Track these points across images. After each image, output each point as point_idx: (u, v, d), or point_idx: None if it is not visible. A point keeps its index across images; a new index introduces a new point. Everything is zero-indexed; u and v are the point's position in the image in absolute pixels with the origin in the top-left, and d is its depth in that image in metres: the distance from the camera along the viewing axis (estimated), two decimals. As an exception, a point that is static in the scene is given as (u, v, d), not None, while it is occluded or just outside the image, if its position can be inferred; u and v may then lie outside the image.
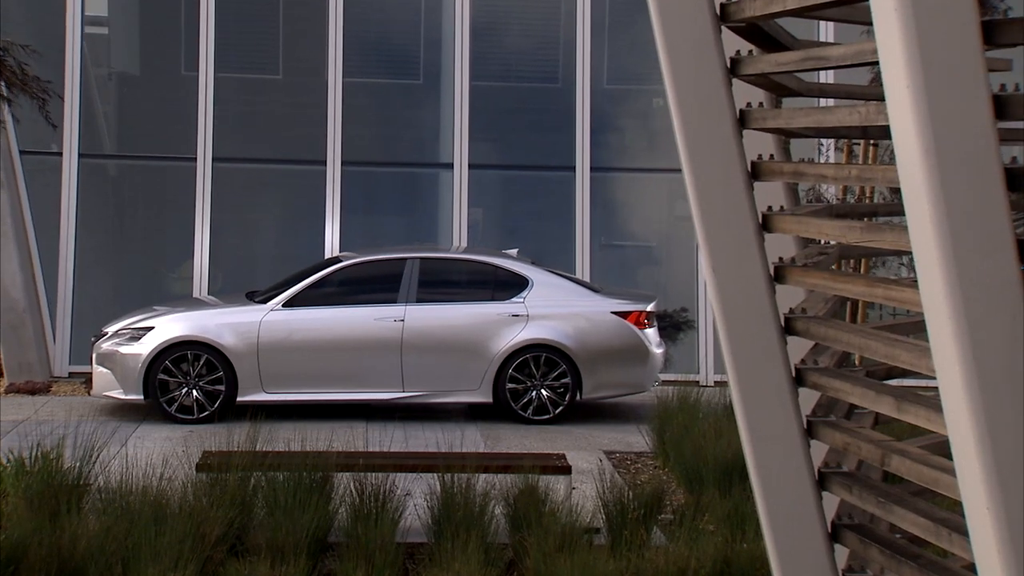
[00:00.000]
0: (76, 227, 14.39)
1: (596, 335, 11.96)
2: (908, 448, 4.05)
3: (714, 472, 8.71)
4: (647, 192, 15.55)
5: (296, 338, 11.73)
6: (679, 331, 14.92)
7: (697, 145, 4.26)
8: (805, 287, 4.41)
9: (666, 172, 14.88)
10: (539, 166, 15.49)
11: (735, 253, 4.29)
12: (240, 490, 7.65)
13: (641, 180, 15.45)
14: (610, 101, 15.41)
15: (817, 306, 4.50)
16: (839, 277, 4.24)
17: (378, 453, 9.06)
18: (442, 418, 12.02)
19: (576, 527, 7.48)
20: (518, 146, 15.60)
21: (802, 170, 4.45)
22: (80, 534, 6.94)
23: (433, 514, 7.81)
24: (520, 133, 15.59)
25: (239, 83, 15.35)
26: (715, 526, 7.94)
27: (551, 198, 15.57)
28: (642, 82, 15.54)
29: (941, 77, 3.12)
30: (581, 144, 14.95)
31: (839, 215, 4.89)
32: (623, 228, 15.55)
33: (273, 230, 15.35)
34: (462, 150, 14.89)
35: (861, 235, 3.98)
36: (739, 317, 4.32)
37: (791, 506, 4.31)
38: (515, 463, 8.31)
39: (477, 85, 15.02)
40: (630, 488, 8.34)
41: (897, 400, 3.88)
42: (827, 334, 4.20)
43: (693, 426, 9.74)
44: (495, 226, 15.71)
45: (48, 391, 13.11)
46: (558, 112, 15.30)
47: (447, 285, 12.46)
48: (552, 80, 15.69)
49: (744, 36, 4.37)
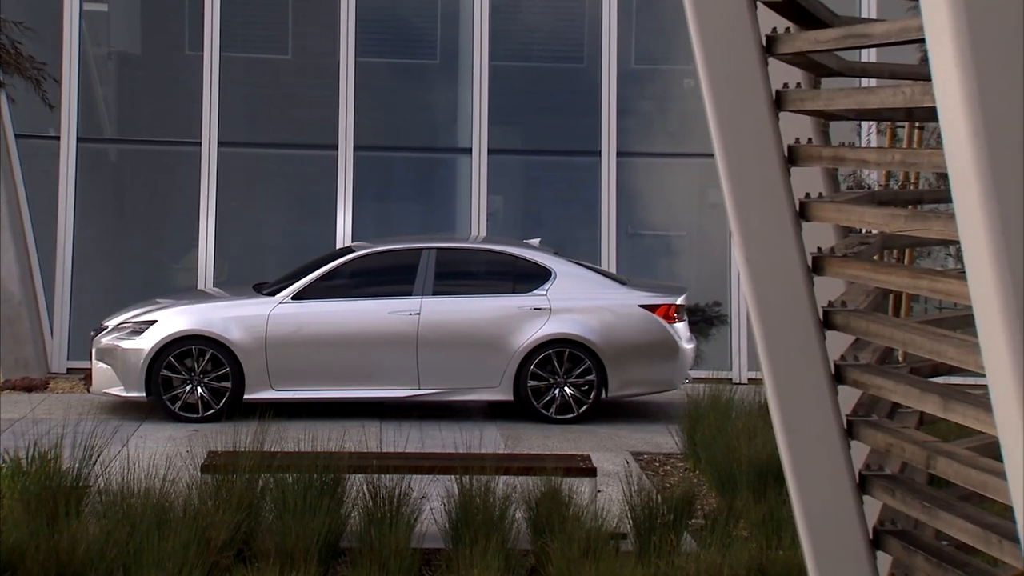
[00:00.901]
0: (75, 215, 14.46)
1: (623, 330, 11.95)
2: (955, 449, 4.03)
3: (748, 475, 8.71)
4: (677, 178, 15.52)
5: (306, 332, 11.76)
6: (711, 325, 14.90)
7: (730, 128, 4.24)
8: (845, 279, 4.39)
9: (697, 157, 14.84)
10: (562, 151, 15.48)
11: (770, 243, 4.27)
12: (247, 492, 7.68)
13: (670, 165, 15.42)
14: (638, 82, 15.38)
15: (858, 299, 4.49)
16: (881, 268, 4.23)
17: (392, 454, 9.08)
18: (460, 417, 12.04)
19: (601, 532, 7.48)
20: (540, 130, 15.59)
21: (842, 155, 4.44)
22: (79, 538, 6.97)
23: (450, 518, 7.82)
24: (542, 116, 15.58)
25: (246, 63, 15.38)
26: (749, 532, 7.93)
27: (575, 184, 15.56)
28: (672, 62, 15.50)
29: (992, 55, 3.10)
30: (607, 127, 14.94)
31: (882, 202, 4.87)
32: (651, 216, 15.53)
33: (282, 218, 15.39)
34: (481, 134, 14.89)
35: (905, 223, 3.96)
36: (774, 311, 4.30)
37: (830, 511, 4.30)
38: (537, 464, 8.31)
39: (497, 65, 15.02)
40: (659, 491, 8.34)
41: (943, 398, 3.87)
42: (868, 328, 4.19)
43: (725, 426, 9.74)
44: (516, 214, 15.71)
45: (45, 388, 13.18)
46: (582, 94, 15.28)
47: (465, 277, 12.46)
48: (576, 60, 15.67)
49: (781, 12, 4.35)
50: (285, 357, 11.68)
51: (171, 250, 15.21)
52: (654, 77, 15.64)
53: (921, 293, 3.97)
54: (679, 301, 12.17)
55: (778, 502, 8.04)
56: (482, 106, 14.89)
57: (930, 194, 5.84)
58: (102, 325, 12.06)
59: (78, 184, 14.52)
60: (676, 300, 12.15)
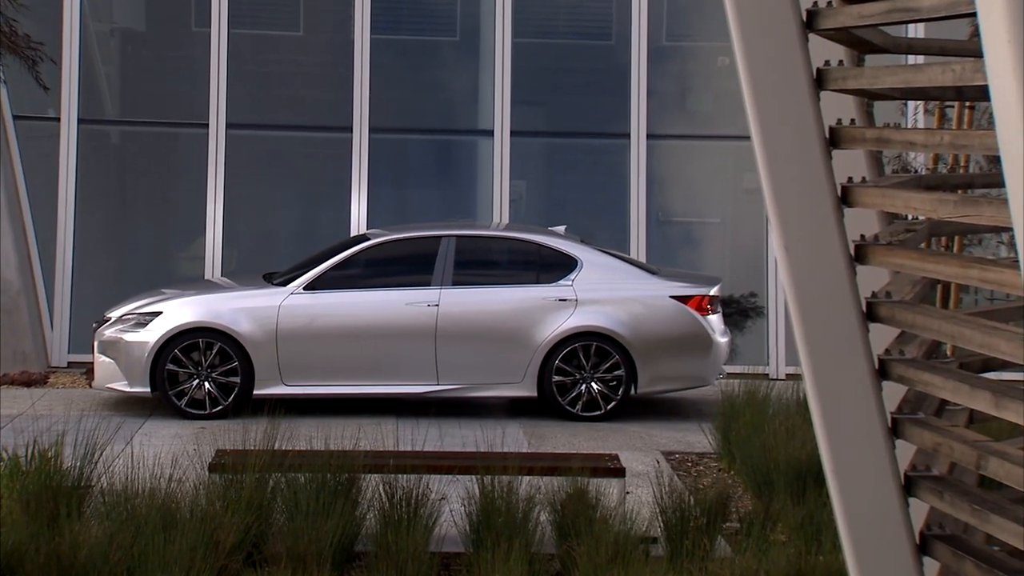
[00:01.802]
0: (76, 201, 14.52)
1: (653, 322, 11.93)
2: (1007, 449, 4.02)
3: (786, 476, 8.69)
4: (711, 162, 15.48)
5: (319, 324, 11.79)
6: (746, 318, 14.87)
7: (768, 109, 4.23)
8: (890, 268, 4.38)
9: (732, 139, 14.80)
10: (589, 133, 15.45)
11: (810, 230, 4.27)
12: (257, 493, 7.70)
13: (704, 148, 15.38)
14: (669, 60, 15.34)
15: (903, 289, 4.48)
16: (929, 257, 4.21)
17: (410, 453, 9.10)
18: (481, 414, 12.05)
19: (631, 536, 7.49)
20: (565, 111, 15.57)
21: (887, 136, 4.42)
22: (81, 541, 7.01)
23: (471, 521, 7.84)
24: (568, 96, 15.56)
25: (256, 40, 15.40)
26: (787, 536, 7.92)
27: (602, 169, 15.54)
28: (705, 38, 15.46)
29: (1047, 30, 3.08)
30: (636, 108, 14.91)
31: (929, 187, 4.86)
32: (683, 202, 15.50)
33: (293, 205, 15.42)
34: (503, 115, 14.88)
35: (954, 209, 3.95)
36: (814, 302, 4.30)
37: (874, 514, 4.29)
38: (562, 464, 8.32)
39: (520, 42, 15.00)
40: (691, 493, 8.34)
41: (995, 395, 3.85)
42: (915, 321, 4.18)
43: (762, 424, 9.72)
44: (540, 200, 15.69)
45: (45, 383, 13.25)
46: (610, 72, 15.25)
47: (486, 266, 12.46)
48: (604, 36, 15.64)
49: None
50: (297, 350, 11.71)
51: (177, 238, 15.26)
52: (686, 55, 15.60)
53: (971, 283, 3.95)
54: (713, 292, 12.14)
55: (818, 504, 8.03)
56: (504, 86, 14.89)
57: (981, 178, 5.82)
58: (105, 317, 12.11)
59: (79, 168, 14.58)
60: (709, 291, 12.12)
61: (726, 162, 15.45)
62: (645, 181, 14.93)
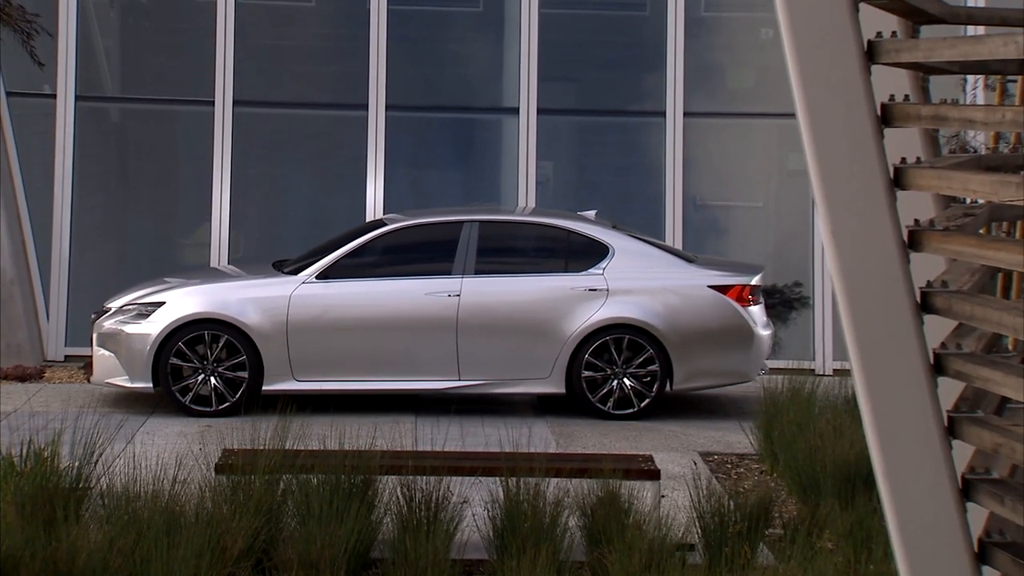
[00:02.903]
0: (73, 183, 14.57)
1: (690, 313, 11.93)
2: (1073, 451, 4.00)
3: (833, 479, 8.69)
4: (753, 141, 15.44)
5: (332, 316, 11.82)
6: (790, 309, 14.84)
7: (815, 84, 4.22)
8: (946, 255, 4.36)
9: (776, 117, 14.76)
10: (622, 111, 15.44)
11: (861, 214, 4.25)
12: (267, 496, 7.74)
13: (746, 127, 15.35)
14: (708, 32, 15.31)
15: (961, 278, 4.46)
16: (989, 243, 4.19)
17: (429, 453, 9.12)
18: (505, 412, 12.06)
19: (666, 543, 7.49)
20: (597, 87, 15.55)
21: (944, 113, 4.40)
22: (80, 546, 7.04)
23: (495, 526, 7.85)
24: (599, 71, 15.54)
25: (265, 11, 15.43)
26: (835, 543, 7.92)
27: (636, 149, 15.52)
28: (747, 8, 15.42)
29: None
30: (672, 84, 14.88)
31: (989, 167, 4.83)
32: (722, 185, 15.47)
33: (305, 188, 15.44)
34: (529, 92, 14.87)
35: (1017, 192, 3.93)
36: (865, 292, 4.28)
37: (929, 520, 4.28)
38: (592, 466, 8.33)
39: (548, 13, 14.98)
40: (731, 497, 8.33)
41: (1060, 393, 3.84)
42: (973, 312, 4.16)
43: (808, 423, 9.71)
44: (568, 183, 15.69)
45: (41, 377, 13.31)
46: (645, 46, 15.22)
47: (511, 253, 12.48)
48: (638, 7, 15.62)
49: (874, -50, 4.32)
50: (309, 344, 11.74)
51: (181, 223, 15.30)
52: (726, 26, 15.56)
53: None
54: (754, 281, 12.13)
55: (868, 510, 8.02)
56: (531, 60, 14.87)
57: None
58: (104, 307, 12.17)
59: (76, 148, 14.63)
60: (751, 280, 12.10)
61: (769, 141, 15.41)
62: (681, 162, 14.90)
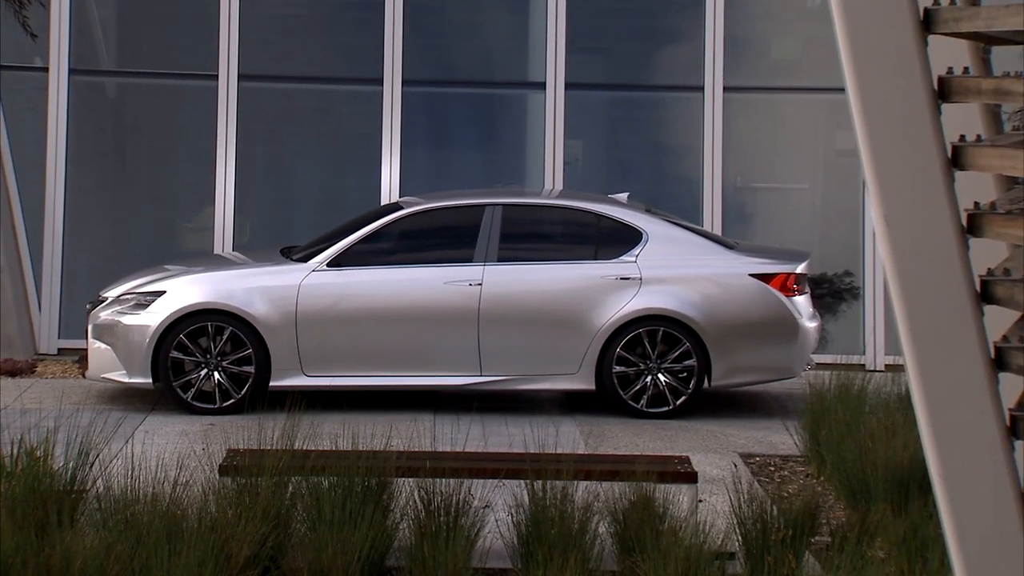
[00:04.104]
0: (66, 163, 14.61)
1: (730, 304, 11.92)
2: None
3: (885, 482, 8.67)
4: (798, 118, 15.40)
5: (345, 306, 11.83)
6: (839, 299, 14.80)
7: (866, 56, 4.21)
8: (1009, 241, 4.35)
9: (824, 92, 14.72)
10: (656, 85, 15.41)
11: (915, 197, 4.24)
12: (275, 499, 7.75)
13: (790, 103, 15.30)
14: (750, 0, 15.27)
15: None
16: (1055, 228, 4.18)
17: (449, 454, 9.13)
18: (530, 410, 12.07)
19: (704, 551, 7.49)
20: (629, 59, 15.53)
21: (1007, 87, 4.38)
22: (74, 552, 7.07)
23: (519, 532, 7.86)
24: (632, 42, 15.51)
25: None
26: (887, 552, 7.91)
27: (672, 127, 15.49)
28: (792, -26, 15.38)
29: None
30: (711, 56, 14.84)
31: (1055, 146, 4.81)
32: (765, 165, 15.43)
33: (315, 169, 15.46)
34: (557, 65, 14.86)
35: (1085, 172, 3.91)
36: (920, 281, 4.28)
37: (989, 527, 4.27)
38: (624, 468, 8.32)
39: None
40: (774, 501, 8.32)
41: None
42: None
43: (857, 422, 9.70)
44: (599, 163, 15.67)
45: (32, 372, 13.35)
46: (682, 15, 15.19)
47: (537, 239, 12.48)
48: (674, -27, 15.58)
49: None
50: (319, 336, 11.75)
51: (182, 206, 15.34)
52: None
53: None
54: (799, 269, 12.10)
55: (923, 516, 8.01)
56: (558, 31, 14.86)
57: (1115, 137, 5.76)
58: (100, 297, 12.20)
59: (70, 126, 14.66)
60: (796, 268, 12.08)
61: (816, 118, 15.36)
62: (721, 141, 14.87)
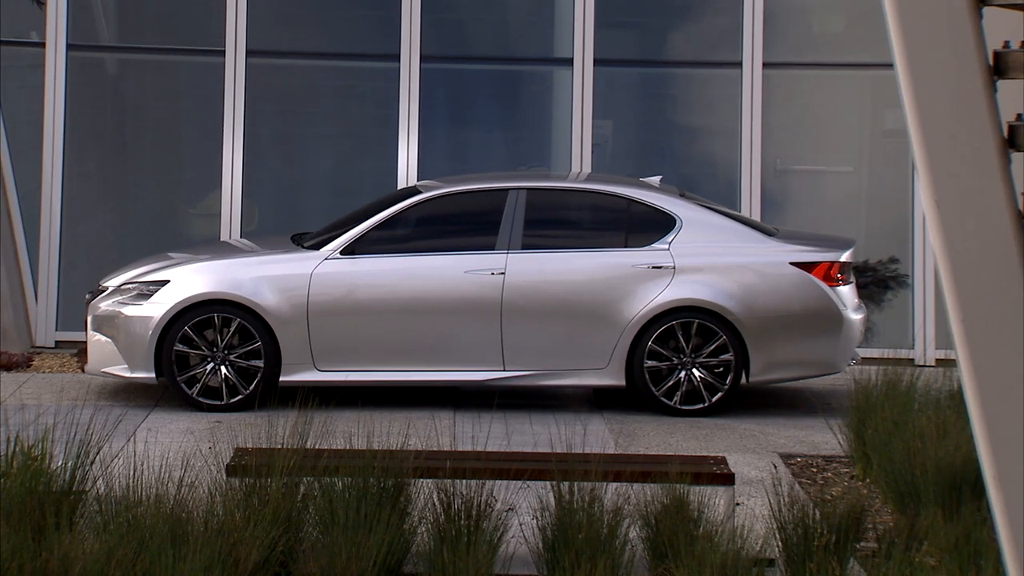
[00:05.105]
0: (64, 145, 14.63)
1: (769, 295, 11.90)
2: None
3: (936, 484, 8.65)
4: (842, 96, 15.35)
5: (359, 297, 11.84)
6: (886, 289, 14.77)
7: (917, 29, 4.20)
8: (1069, 228, 4.33)
9: (870, 68, 14.68)
10: (691, 62, 15.38)
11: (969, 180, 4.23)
12: (285, 501, 7.77)
13: (834, 79, 15.26)
14: (791, -30, 15.25)
15: (1085, 254, 4.43)
16: (1117, 214, 4.17)
17: (470, 454, 9.14)
18: (556, 407, 12.07)
19: (741, 557, 7.49)
20: (663, 34, 15.49)
21: (1067, 63, 4.37)
22: (73, 557, 7.09)
23: (545, 537, 7.86)
24: (666, 16, 15.48)
25: (281, -51, 15.45)
26: (937, 559, 7.89)
27: (708, 106, 15.46)
28: (836, -57, 15.34)
29: None
30: (750, 30, 14.81)
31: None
32: (807, 146, 15.39)
33: (328, 150, 15.46)
34: (585, 40, 14.84)
35: None
36: (973, 270, 4.27)
37: (1046, 532, 4.26)
38: (657, 469, 8.32)
39: (606, -51, 14.96)
40: (816, 505, 8.31)
41: None
42: (1099, 293, 4.14)
43: (906, 421, 9.68)
44: (630, 145, 15.65)
45: (28, 366, 13.39)
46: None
47: (563, 226, 12.48)
48: (710, -59, 15.55)
49: None
50: (332, 328, 11.77)
51: (187, 190, 15.36)
52: (813, -37, 15.49)
53: None
54: (844, 257, 12.07)
55: (977, 520, 7.99)
56: (587, 3, 14.84)
57: None
58: (100, 287, 12.22)
59: (68, 105, 14.69)
60: (840, 256, 12.05)
61: (862, 97, 15.32)
62: (760, 121, 14.83)
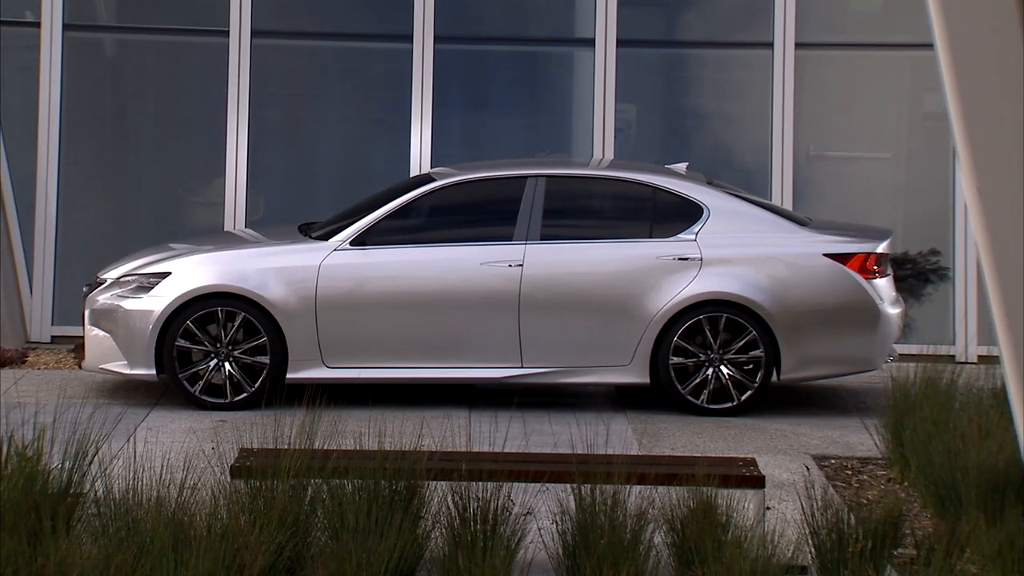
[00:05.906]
0: (60, 130, 14.66)
1: (801, 288, 11.89)
2: None
3: (978, 488, 8.64)
4: (879, 78, 15.33)
5: (370, 290, 11.85)
6: (926, 282, 14.75)
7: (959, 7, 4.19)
8: (1118, 217, 4.33)
9: (908, 48, 14.67)
10: (719, 42, 15.36)
11: (1012, 168, 4.23)
12: (293, 504, 7.77)
13: (871, 61, 15.23)
14: (825, -55, 15.23)
15: None
16: None
17: (487, 455, 9.13)
18: (577, 406, 12.07)
19: (772, 564, 7.48)
20: (689, 13, 15.48)
21: (1115, 44, 4.36)
22: (70, 563, 7.10)
23: (565, 542, 7.87)
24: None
25: (288, -76, 15.47)
26: (979, 566, 7.88)
27: (736, 88, 15.45)
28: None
29: None
30: (782, 9, 14.80)
31: None
32: (842, 131, 15.37)
33: (337, 136, 15.47)
34: (607, 19, 14.83)
35: None
36: (1017, 262, 4.26)
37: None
38: (683, 471, 8.32)
39: (630, -76, 14.95)
40: (851, 509, 8.31)
41: None
42: None
43: (946, 421, 9.67)
44: (654, 130, 15.64)
45: (23, 362, 13.41)
46: (748, -38, 15.16)
47: (584, 215, 12.47)
48: (740, -85, 15.54)
49: None
50: (342, 323, 11.78)
51: (190, 178, 15.37)
52: (848, -61, 15.47)
53: None
54: (881, 249, 12.06)
55: (1021, 526, 7.98)
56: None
57: None
58: (98, 279, 12.25)
59: (65, 88, 14.71)
60: (877, 247, 12.04)
61: (900, 78, 15.29)
62: (792, 104, 14.82)
